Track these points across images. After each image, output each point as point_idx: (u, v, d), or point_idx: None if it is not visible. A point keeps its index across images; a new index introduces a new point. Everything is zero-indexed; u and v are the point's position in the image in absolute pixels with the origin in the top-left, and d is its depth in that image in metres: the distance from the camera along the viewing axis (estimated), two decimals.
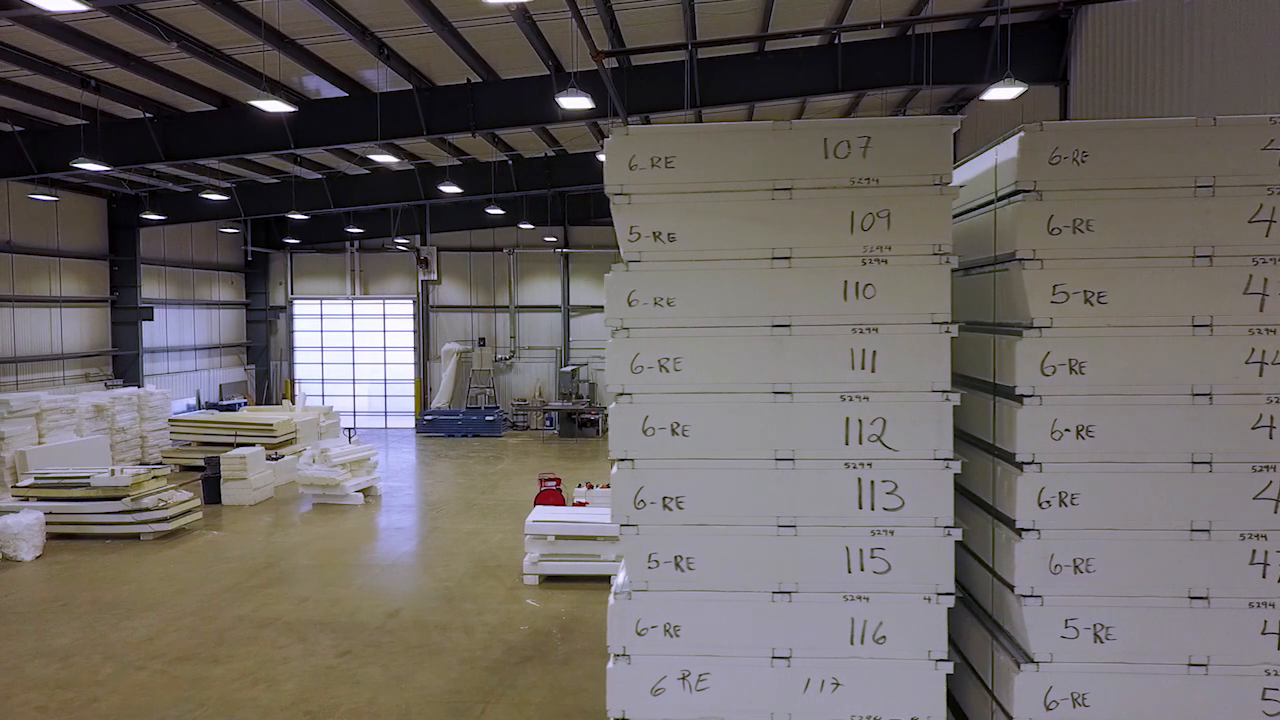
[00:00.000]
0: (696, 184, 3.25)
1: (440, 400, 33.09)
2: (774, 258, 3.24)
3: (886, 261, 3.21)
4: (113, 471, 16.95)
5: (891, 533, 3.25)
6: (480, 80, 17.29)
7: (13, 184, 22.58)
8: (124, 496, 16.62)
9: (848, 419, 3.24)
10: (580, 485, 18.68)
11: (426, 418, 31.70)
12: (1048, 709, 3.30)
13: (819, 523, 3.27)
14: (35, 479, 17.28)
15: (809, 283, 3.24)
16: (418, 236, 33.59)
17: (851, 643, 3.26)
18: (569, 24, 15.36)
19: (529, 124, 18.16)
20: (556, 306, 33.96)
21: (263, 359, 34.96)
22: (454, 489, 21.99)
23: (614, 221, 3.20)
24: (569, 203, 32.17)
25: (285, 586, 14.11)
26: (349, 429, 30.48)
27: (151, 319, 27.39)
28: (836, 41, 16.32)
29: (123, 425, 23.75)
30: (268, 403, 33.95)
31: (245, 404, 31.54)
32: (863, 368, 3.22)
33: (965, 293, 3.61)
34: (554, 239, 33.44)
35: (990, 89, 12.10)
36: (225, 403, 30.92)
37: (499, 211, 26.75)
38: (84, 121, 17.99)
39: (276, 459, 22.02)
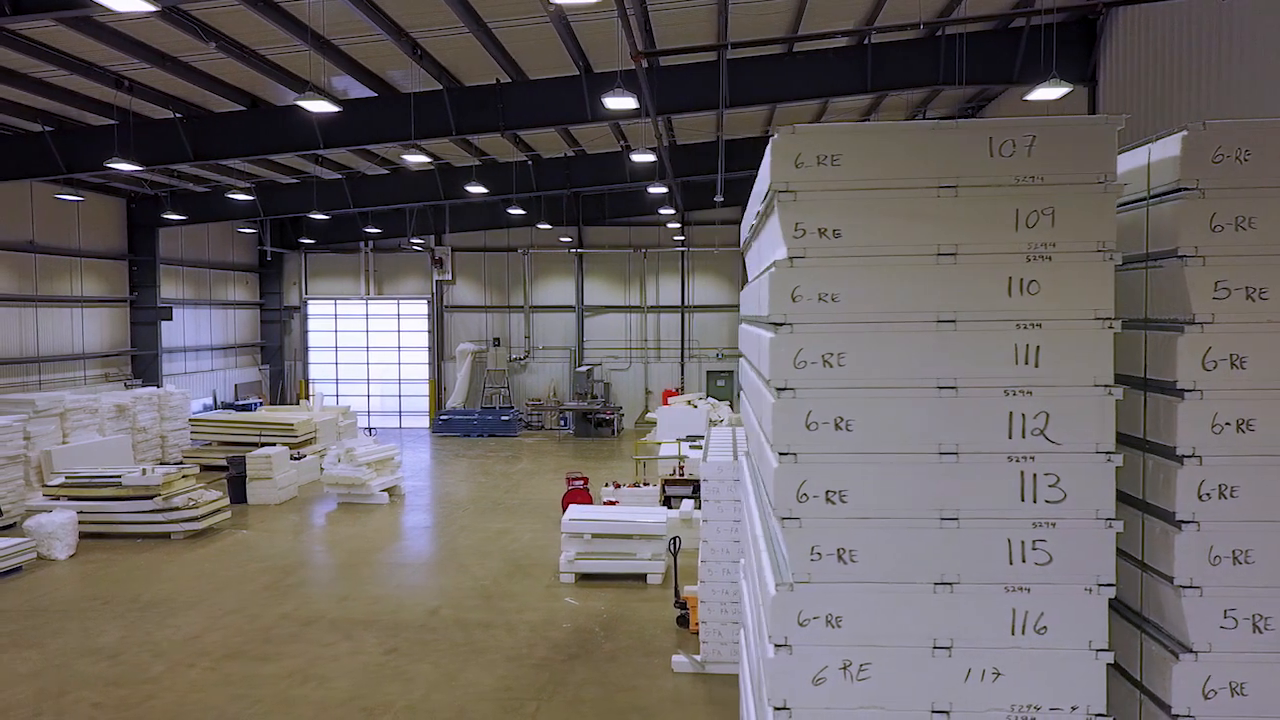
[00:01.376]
0: (862, 181, 3.31)
1: (455, 400, 33.13)
2: (939, 254, 3.30)
3: (1050, 258, 3.27)
4: (144, 471, 16.99)
5: (1053, 525, 3.31)
6: (509, 80, 17.31)
7: (36, 184, 22.62)
8: (155, 496, 16.66)
9: (1010, 413, 3.29)
10: (607, 484, 18.75)
11: (442, 417, 31.74)
12: (1205, 698, 3.36)
13: (981, 515, 3.33)
14: (66, 478, 17.31)
15: (973, 279, 3.30)
16: (432, 237, 33.62)
17: (1012, 633, 3.31)
18: (601, 25, 15.44)
19: (559, 124, 18.19)
20: (570, 306, 34.00)
21: (277, 359, 34.98)
22: (477, 488, 22.03)
23: (778, 218, 3.24)
24: (583, 203, 32.22)
25: (322, 585, 14.16)
26: (370, 429, 30.54)
27: (171, 319, 27.43)
28: (866, 42, 16.36)
29: (144, 425, 23.77)
30: (282, 403, 33.98)
31: (260, 404, 31.57)
32: (1026, 363, 3.28)
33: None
34: (569, 239, 33.49)
35: (1036, 89, 12.13)
36: (241, 402, 30.96)
37: (520, 211, 26.77)
38: (113, 121, 18.01)
39: (299, 458, 22.05)
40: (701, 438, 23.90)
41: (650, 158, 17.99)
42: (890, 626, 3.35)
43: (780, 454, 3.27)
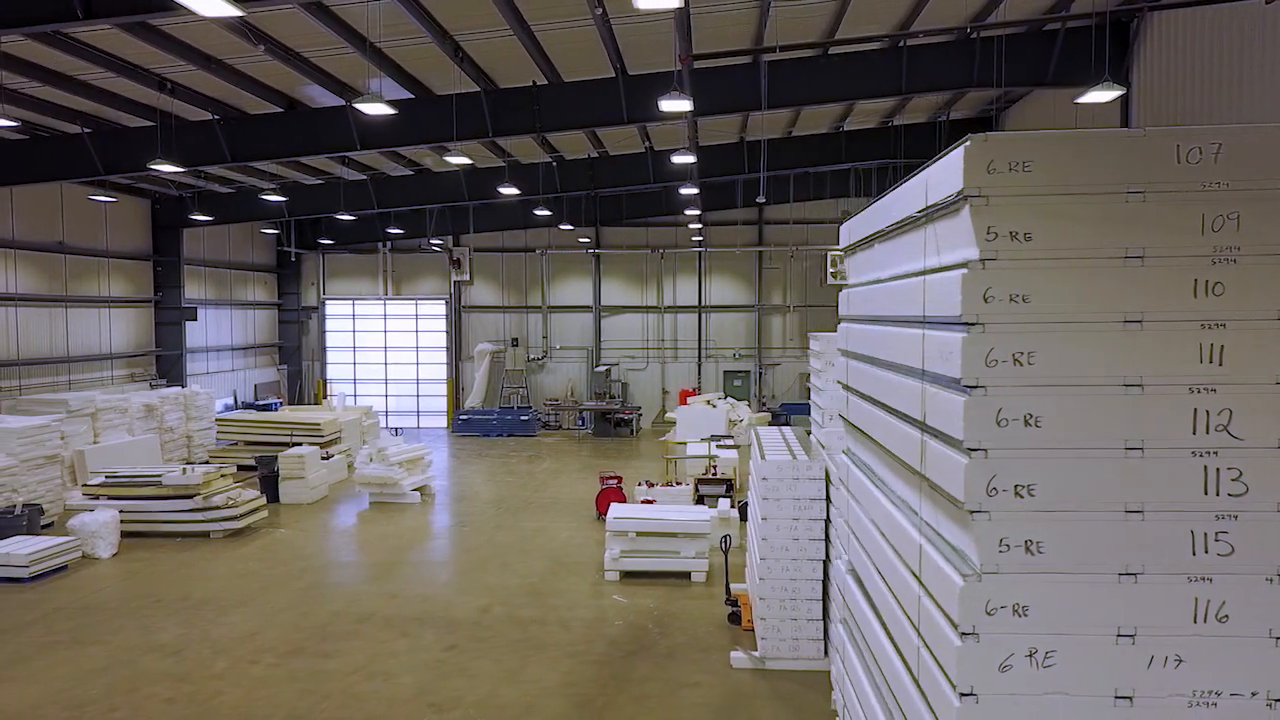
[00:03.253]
0: (1052, 187, 3.44)
1: (473, 400, 33.25)
2: (1127, 257, 3.43)
3: (1235, 261, 3.40)
4: (184, 470, 17.10)
5: (1235, 517, 3.44)
6: (546, 82, 17.43)
7: (66, 185, 22.72)
8: (195, 495, 16.77)
9: (1195, 410, 3.42)
10: (640, 483, 18.87)
11: (461, 417, 31.85)
12: None
13: (1165, 508, 3.46)
14: (106, 477, 17.41)
15: (1160, 281, 3.43)
16: (450, 238, 33.74)
17: (1194, 621, 3.44)
18: (641, 27, 15.58)
19: (594, 126, 18.33)
20: (588, 307, 34.13)
21: (295, 359, 35.09)
22: (505, 488, 22.14)
23: (970, 222, 3.37)
24: (601, 204, 32.34)
25: (369, 583, 14.27)
26: (396, 429, 30.63)
27: (195, 319, 27.55)
28: (901, 45, 16.50)
29: (170, 425, 23.86)
30: (299, 403, 34.07)
31: (280, 404, 31.67)
32: (1210, 361, 3.41)
33: None
34: (587, 239, 33.62)
35: (1090, 91, 12.27)
36: (261, 403, 31.05)
37: (546, 213, 26.90)
38: (149, 123, 18.12)
39: (327, 458, 22.16)
40: (728, 437, 24.08)
41: (690, 159, 18.14)
42: (1075, 615, 3.48)
43: (970, 450, 3.41)
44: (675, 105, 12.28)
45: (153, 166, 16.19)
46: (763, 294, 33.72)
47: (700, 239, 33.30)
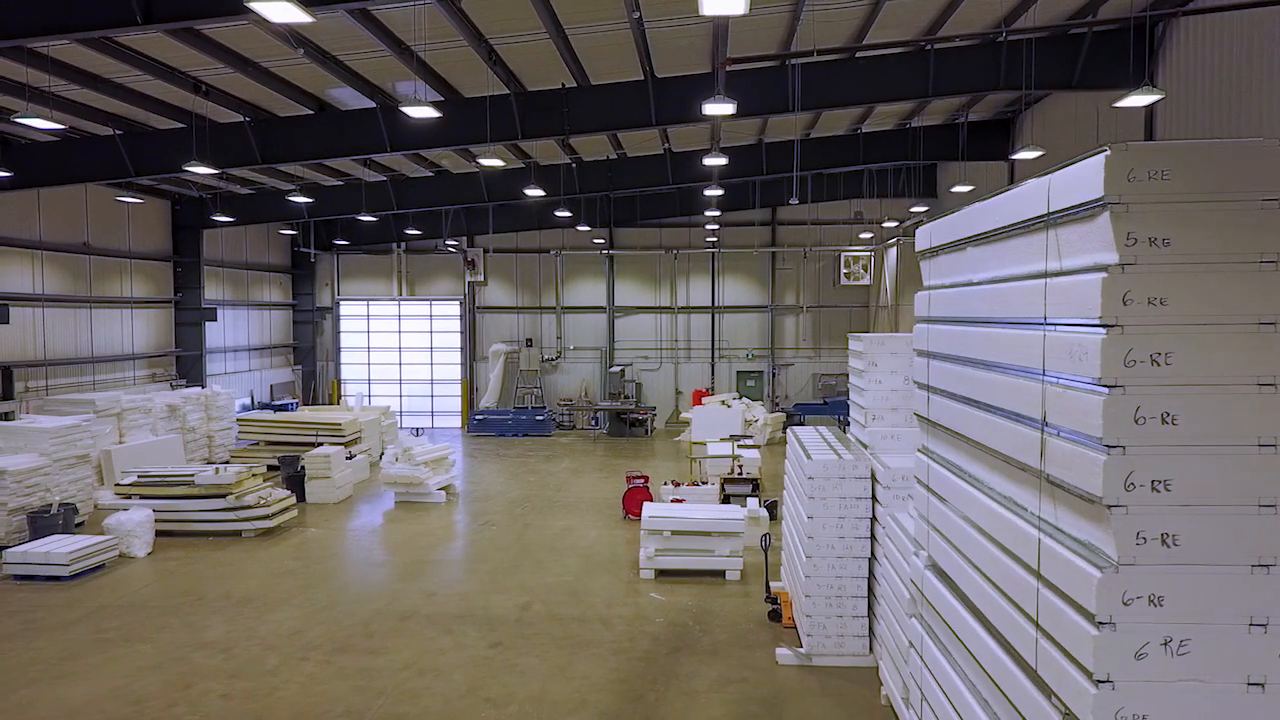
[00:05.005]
0: (1190, 194, 3.58)
1: (488, 400, 33.39)
2: (1261, 262, 3.58)
3: None
4: (217, 470, 17.21)
5: None
6: (575, 85, 17.57)
7: (91, 187, 22.83)
8: (228, 494, 16.88)
9: None
10: (666, 483, 19.00)
11: (477, 417, 31.97)
12: None
13: None
14: (139, 477, 17.53)
15: None
16: (464, 239, 33.88)
17: None
18: (672, 31, 15.71)
19: (622, 128, 18.47)
20: (601, 307, 34.27)
21: (309, 360, 35.20)
22: (527, 487, 22.27)
23: (1111, 228, 3.51)
24: (615, 205, 32.49)
25: (405, 581, 14.38)
26: (416, 429, 30.77)
27: (215, 319, 27.66)
28: (927, 48, 16.64)
29: (192, 425, 23.98)
30: (314, 403, 34.19)
31: (296, 404, 31.79)
32: None
33: None
34: (601, 240, 33.77)
35: (1130, 95, 12.40)
36: (277, 403, 31.16)
37: (567, 214, 27.05)
38: (179, 125, 18.25)
39: (350, 458, 22.27)
40: (748, 437, 24.23)
41: (721, 161, 18.28)
42: (1209, 605, 3.63)
43: (1109, 447, 3.55)
44: (719, 109, 12.42)
45: (187, 168, 16.29)
46: (775, 294, 33.88)
47: (715, 239, 33.47)
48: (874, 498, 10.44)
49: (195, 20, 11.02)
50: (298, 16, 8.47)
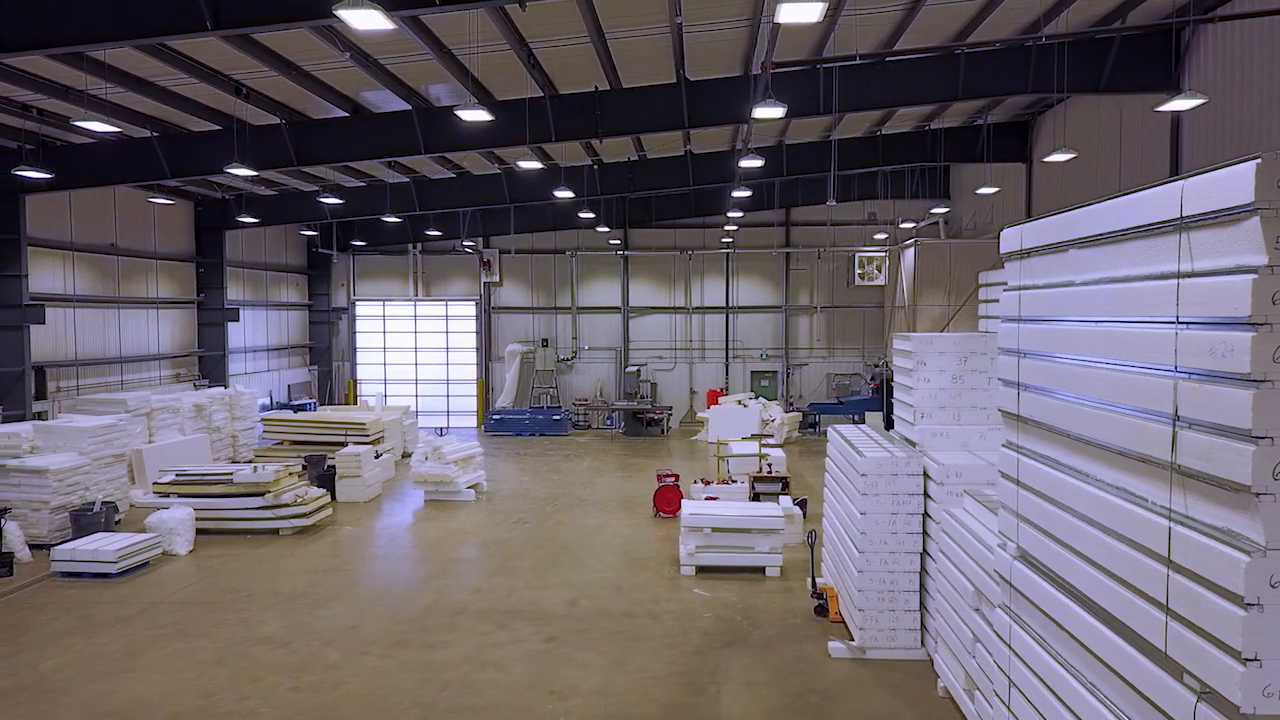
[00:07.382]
0: None
1: (504, 400, 33.58)
2: None
3: None
4: (255, 468, 17.38)
5: None
6: (608, 88, 17.77)
7: (119, 189, 22.98)
8: (265, 493, 17.05)
9: None
10: (696, 481, 19.19)
11: (494, 417, 32.16)
12: None
13: None
14: (177, 475, 17.68)
15: None
16: (480, 239, 34.07)
17: None
18: (708, 35, 15.93)
19: (654, 130, 18.70)
20: (616, 308, 34.48)
21: (325, 360, 35.37)
22: (553, 485, 22.46)
23: (1260, 231, 3.73)
24: (630, 206, 32.71)
25: (449, 578, 14.55)
26: (440, 429, 30.96)
27: (237, 320, 27.83)
28: (958, 52, 16.87)
29: (218, 424, 24.13)
30: (330, 403, 34.34)
31: (315, 404, 31.94)
32: None
33: None
34: (616, 241, 33.99)
35: (1173, 99, 12.64)
36: (296, 403, 31.31)
37: (590, 215, 27.30)
38: (214, 127, 18.42)
39: (378, 456, 22.45)
40: (769, 436, 24.47)
41: (758, 162, 18.51)
42: None
43: (1258, 438, 3.77)
44: (769, 112, 12.65)
45: (229, 170, 16.47)
46: (789, 295, 34.12)
47: (730, 240, 33.70)
48: (926, 494, 10.66)
49: (264, 26, 11.19)
50: (381, 24, 8.66)
